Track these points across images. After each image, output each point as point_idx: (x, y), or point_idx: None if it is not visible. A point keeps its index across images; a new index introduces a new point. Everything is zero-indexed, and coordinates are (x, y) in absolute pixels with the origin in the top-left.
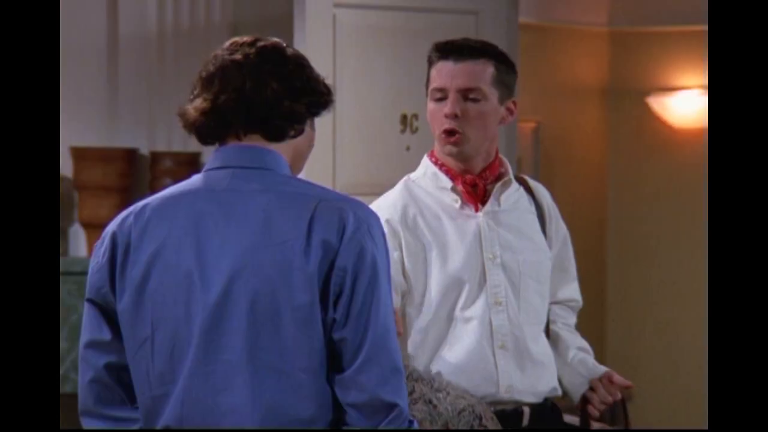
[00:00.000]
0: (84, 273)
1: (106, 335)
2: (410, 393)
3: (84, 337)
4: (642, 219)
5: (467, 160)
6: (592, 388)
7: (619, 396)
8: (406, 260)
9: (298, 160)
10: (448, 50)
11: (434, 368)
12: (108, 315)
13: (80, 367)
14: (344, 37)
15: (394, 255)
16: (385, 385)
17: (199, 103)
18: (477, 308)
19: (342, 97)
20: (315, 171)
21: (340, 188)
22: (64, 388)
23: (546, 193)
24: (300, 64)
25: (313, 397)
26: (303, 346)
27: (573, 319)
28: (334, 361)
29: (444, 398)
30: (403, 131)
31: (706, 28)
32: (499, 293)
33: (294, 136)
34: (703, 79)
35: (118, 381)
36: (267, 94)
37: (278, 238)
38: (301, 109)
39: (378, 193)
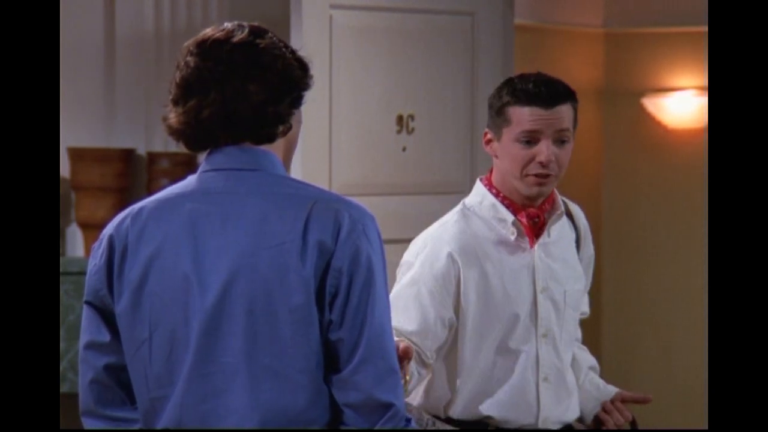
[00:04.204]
0: (81, 273)
1: (105, 337)
2: None
3: (83, 338)
4: (637, 219)
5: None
6: (605, 410)
7: (630, 417)
8: (462, 294)
9: (293, 145)
10: (534, 96)
11: (478, 399)
12: (106, 317)
13: (80, 368)
14: (341, 38)
15: (450, 288)
16: (381, 385)
17: (180, 113)
18: (527, 340)
19: (339, 97)
20: (312, 171)
21: (337, 189)
22: (62, 387)
23: (582, 216)
24: (273, 54)
25: (311, 397)
26: (300, 347)
27: (580, 331)
28: (331, 361)
29: None
30: (399, 132)
31: (701, 28)
32: (547, 325)
33: (284, 134)
34: (698, 79)
35: (118, 382)
36: (249, 104)
37: (274, 240)
38: (286, 110)
39: (375, 194)
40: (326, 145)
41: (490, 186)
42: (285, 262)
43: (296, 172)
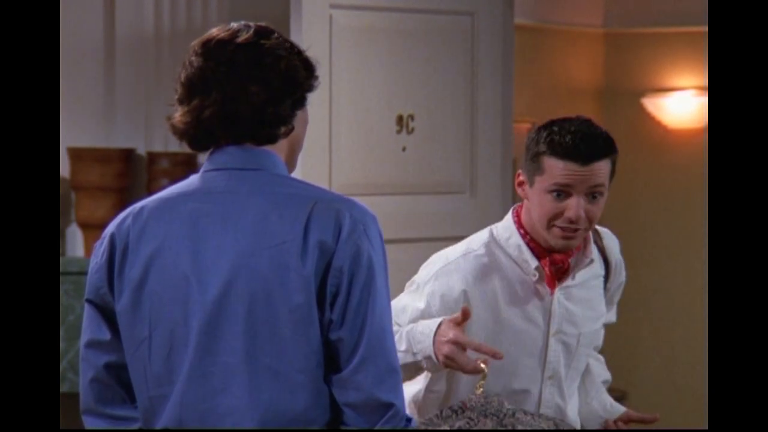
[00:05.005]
0: (81, 273)
1: (106, 335)
2: (471, 428)
3: (84, 336)
4: (637, 219)
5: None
6: (606, 428)
7: None
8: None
9: (297, 145)
10: (570, 153)
11: None
12: (107, 315)
13: (81, 367)
14: (340, 37)
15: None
16: (381, 385)
17: (183, 113)
18: (532, 382)
19: (338, 97)
20: (311, 171)
21: (337, 189)
22: (62, 387)
23: (616, 246)
24: (277, 55)
25: (311, 397)
26: (300, 347)
27: (602, 334)
28: (331, 361)
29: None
30: (399, 132)
31: (700, 28)
32: (555, 368)
33: (286, 135)
34: (698, 79)
35: (118, 380)
36: (249, 104)
37: (275, 239)
38: (286, 111)
39: (375, 194)
40: (326, 145)
41: (519, 224)
42: (285, 262)
43: (296, 172)
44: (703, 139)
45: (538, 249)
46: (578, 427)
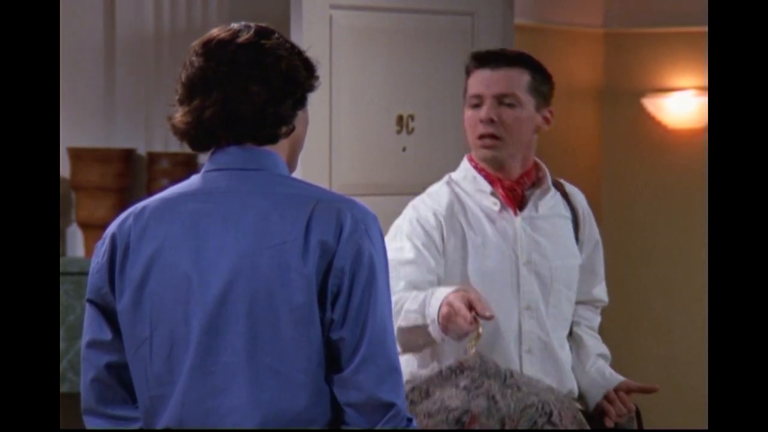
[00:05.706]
0: (81, 273)
1: (107, 335)
2: (477, 387)
3: (85, 336)
4: (637, 219)
5: (503, 166)
6: (608, 400)
7: (633, 408)
8: (446, 255)
9: (298, 145)
10: (484, 59)
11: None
12: (108, 315)
13: (82, 366)
14: (341, 38)
15: (435, 239)
16: (383, 385)
17: (183, 113)
18: (508, 311)
19: (338, 97)
20: (311, 171)
21: (337, 189)
22: (62, 387)
23: (582, 198)
24: (277, 55)
25: (312, 397)
26: (301, 346)
27: (597, 320)
28: (333, 361)
29: (511, 394)
30: (399, 132)
31: (700, 29)
32: (530, 298)
33: (287, 135)
34: (698, 79)
35: (119, 380)
36: (250, 104)
37: (276, 239)
38: (287, 111)
39: (375, 194)
40: (326, 145)
41: (470, 161)
42: (286, 262)
43: (296, 172)
44: (703, 139)
45: (489, 177)
46: (574, 383)
